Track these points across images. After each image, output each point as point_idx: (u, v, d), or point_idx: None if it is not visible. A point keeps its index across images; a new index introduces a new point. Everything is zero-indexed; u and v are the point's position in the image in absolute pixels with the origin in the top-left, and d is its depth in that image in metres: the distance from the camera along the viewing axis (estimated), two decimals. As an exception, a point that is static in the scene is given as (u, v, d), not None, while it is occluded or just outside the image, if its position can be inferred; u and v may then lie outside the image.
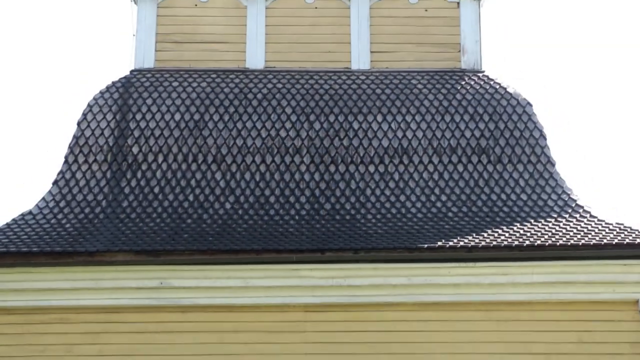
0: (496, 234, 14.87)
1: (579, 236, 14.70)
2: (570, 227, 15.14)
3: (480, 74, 18.02)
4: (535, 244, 14.40)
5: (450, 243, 14.46)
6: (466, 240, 14.58)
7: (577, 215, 15.62)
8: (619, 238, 14.52)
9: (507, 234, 14.87)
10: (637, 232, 14.73)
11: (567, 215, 15.64)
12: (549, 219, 15.51)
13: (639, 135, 35.22)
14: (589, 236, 14.68)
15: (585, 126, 35.41)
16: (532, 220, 15.46)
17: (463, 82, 17.73)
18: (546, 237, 14.69)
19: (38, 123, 36.23)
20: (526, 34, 36.29)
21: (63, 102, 34.59)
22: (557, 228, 15.11)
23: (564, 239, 14.58)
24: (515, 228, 15.15)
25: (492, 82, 17.75)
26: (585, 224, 15.30)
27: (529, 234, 14.84)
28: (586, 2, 36.68)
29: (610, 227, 15.06)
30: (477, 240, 14.58)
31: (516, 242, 14.47)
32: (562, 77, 36.16)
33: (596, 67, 36.90)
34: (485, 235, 14.84)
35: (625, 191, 32.72)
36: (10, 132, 36.05)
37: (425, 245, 14.38)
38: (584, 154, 33.84)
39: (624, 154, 34.97)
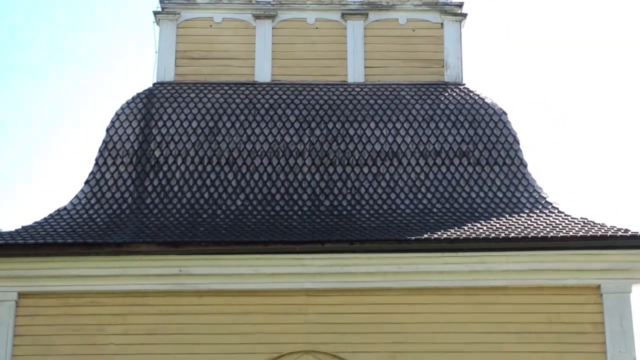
0: (475, 228, 15.59)
1: (547, 229, 15.44)
2: (541, 222, 15.86)
3: (461, 87, 18.71)
4: (510, 236, 15.15)
5: (435, 235, 15.18)
6: (449, 233, 15.30)
7: (546, 211, 16.31)
8: (583, 231, 15.30)
9: (484, 228, 15.58)
10: (599, 226, 15.50)
11: (537, 211, 16.33)
12: (521, 215, 16.22)
13: (639, 135, 35.45)
14: (557, 229, 15.42)
15: (585, 125, 35.64)
16: (507, 216, 16.18)
17: (446, 94, 18.41)
18: (519, 230, 15.44)
19: (68, 130, 36.95)
20: (528, 33, 36.39)
21: (92, 112, 35.16)
22: (529, 222, 15.85)
23: (535, 231, 15.32)
24: (492, 222, 15.85)
25: (471, 94, 18.41)
26: (553, 218, 16.03)
27: (504, 228, 15.58)
28: (587, 2, 36.80)
29: (576, 221, 15.84)
30: (458, 233, 15.30)
31: (493, 235, 15.21)
32: (563, 77, 36.35)
33: (597, 66, 36.91)
34: (466, 228, 15.56)
35: (624, 190, 33.00)
36: (39, 138, 36.63)
37: (413, 237, 15.09)
38: (584, 153, 33.87)
39: (623, 153, 35.17)
